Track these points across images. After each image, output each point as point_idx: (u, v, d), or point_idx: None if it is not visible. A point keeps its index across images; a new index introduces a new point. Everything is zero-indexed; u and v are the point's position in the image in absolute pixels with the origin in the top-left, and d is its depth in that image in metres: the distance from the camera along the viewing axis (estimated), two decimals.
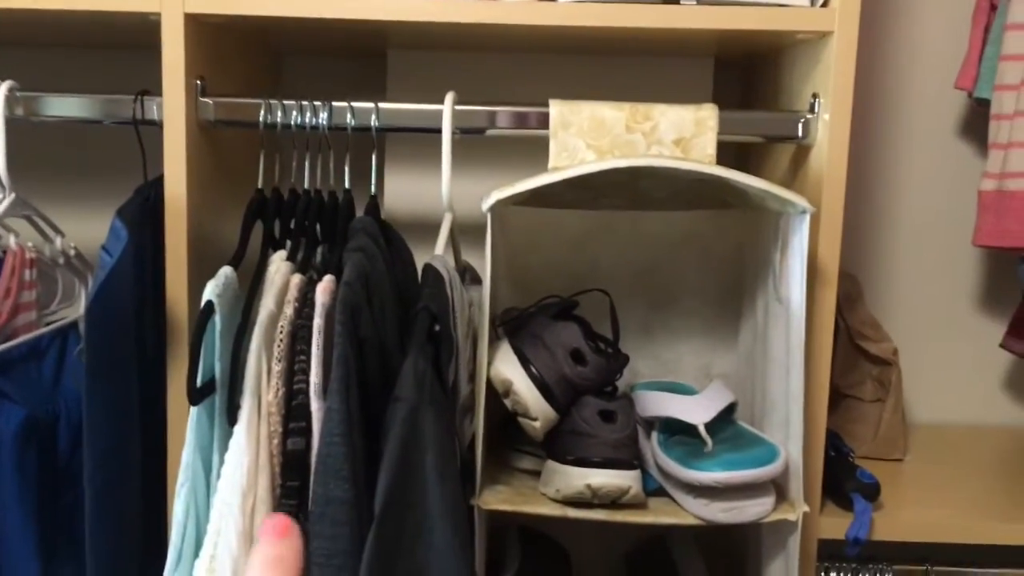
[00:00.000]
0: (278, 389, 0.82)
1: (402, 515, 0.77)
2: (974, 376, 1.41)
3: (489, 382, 0.94)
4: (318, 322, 0.82)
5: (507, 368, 0.94)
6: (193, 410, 0.85)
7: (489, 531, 1.04)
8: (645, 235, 1.15)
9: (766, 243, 1.02)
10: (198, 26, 0.97)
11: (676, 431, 0.97)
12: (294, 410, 0.82)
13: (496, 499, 0.95)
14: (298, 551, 0.34)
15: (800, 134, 1.00)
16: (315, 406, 0.81)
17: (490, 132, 1.01)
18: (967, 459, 1.28)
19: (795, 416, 0.94)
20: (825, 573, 1.09)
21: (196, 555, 0.82)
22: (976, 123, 1.34)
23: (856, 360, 1.28)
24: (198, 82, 0.98)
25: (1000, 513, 1.09)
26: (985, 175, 1.18)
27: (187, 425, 0.84)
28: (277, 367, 0.82)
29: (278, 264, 0.91)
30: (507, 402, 0.94)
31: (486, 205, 0.91)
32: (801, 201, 0.90)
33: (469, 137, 1.01)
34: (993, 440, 1.37)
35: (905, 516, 1.07)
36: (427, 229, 1.03)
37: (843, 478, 1.06)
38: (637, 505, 0.94)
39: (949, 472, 1.22)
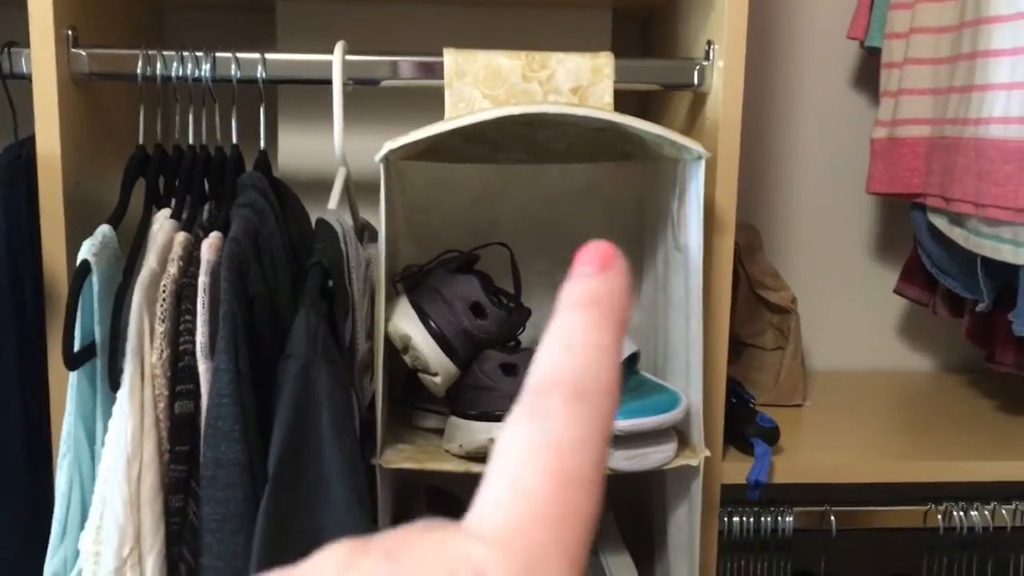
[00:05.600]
0: (163, 351, 0.78)
1: (297, 474, 0.75)
2: (870, 322, 1.45)
3: (388, 339, 0.92)
4: (203, 280, 0.79)
5: (405, 323, 0.92)
6: (73, 376, 0.81)
7: (395, 493, 1.02)
8: (545, 188, 1.14)
9: (665, 192, 1.01)
10: None
11: None
12: (181, 372, 0.78)
13: (399, 458, 0.93)
14: None
15: (696, 81, 1.00)
16: (203, 367, 0.77)
17: (384, 83, 0.98)
18: (863, 403, 1.31)
19: (695, 362, 0.94)
20: (728, 518, 1.10)
21: (82, 527, 0.79)
22: (869, 72, 1.36)
23: (757, 309, 1.29)
24: (69, 32, 0.92)
25: (894, 453, 1.12)
26: (877, 123, 1.20)
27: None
28: (161, 328, 0.78)
29: (161, 222, 0.86)
30: (407, 358, 0.92)
31: (379, 156, 0.88)
32: (696, 146, 0.89)
33: (363, 90, 0.98)
34: (888, 384, 1.41)
35: (804, 459, 1.09)
36: (323, 188, 0.99)
37: (743, 423, 1.07)
38: None
39: (846, 416, 1.25)
